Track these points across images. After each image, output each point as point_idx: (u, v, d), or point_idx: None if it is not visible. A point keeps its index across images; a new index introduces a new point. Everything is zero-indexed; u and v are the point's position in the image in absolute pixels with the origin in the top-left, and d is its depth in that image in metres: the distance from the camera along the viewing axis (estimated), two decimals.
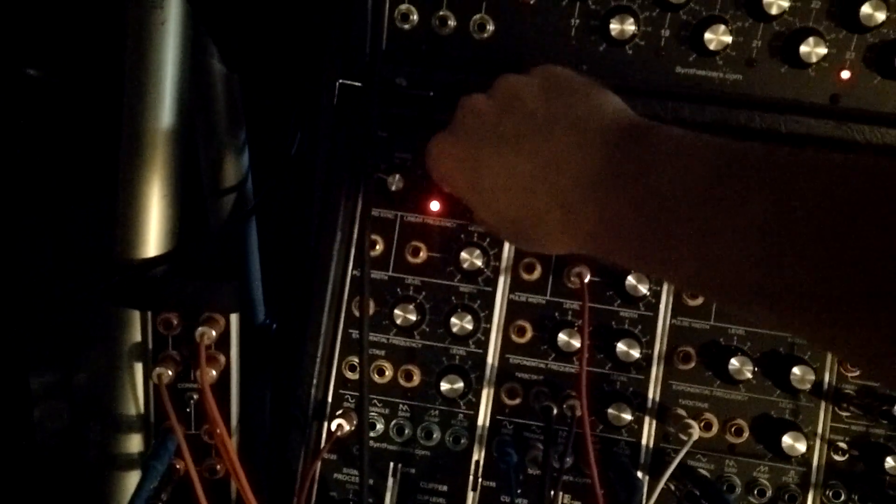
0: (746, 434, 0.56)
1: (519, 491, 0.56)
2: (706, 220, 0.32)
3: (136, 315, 0.56)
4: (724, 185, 0.32)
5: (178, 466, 0.54)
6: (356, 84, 0.57)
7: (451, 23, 0.55)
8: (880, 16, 0.51)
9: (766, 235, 0.29)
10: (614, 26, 0.54)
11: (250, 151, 0.71)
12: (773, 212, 0.29)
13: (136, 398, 0.57)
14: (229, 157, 0.69)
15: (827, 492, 0.56)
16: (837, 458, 0.56)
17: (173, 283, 0.56)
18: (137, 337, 0.56)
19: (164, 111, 0.57)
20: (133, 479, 0.58)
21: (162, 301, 0.55)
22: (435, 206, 0.57)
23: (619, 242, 0.37)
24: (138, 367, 0.57)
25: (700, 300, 0.57)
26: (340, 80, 0.58)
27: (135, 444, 0.58)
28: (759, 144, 0.32)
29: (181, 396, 0.56)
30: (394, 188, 0.58)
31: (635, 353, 0.56)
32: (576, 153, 0.38)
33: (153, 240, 0.57)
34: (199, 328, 0.53)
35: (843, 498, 0.56)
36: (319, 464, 0.57)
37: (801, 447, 0.54)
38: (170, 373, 0.53)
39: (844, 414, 0.56)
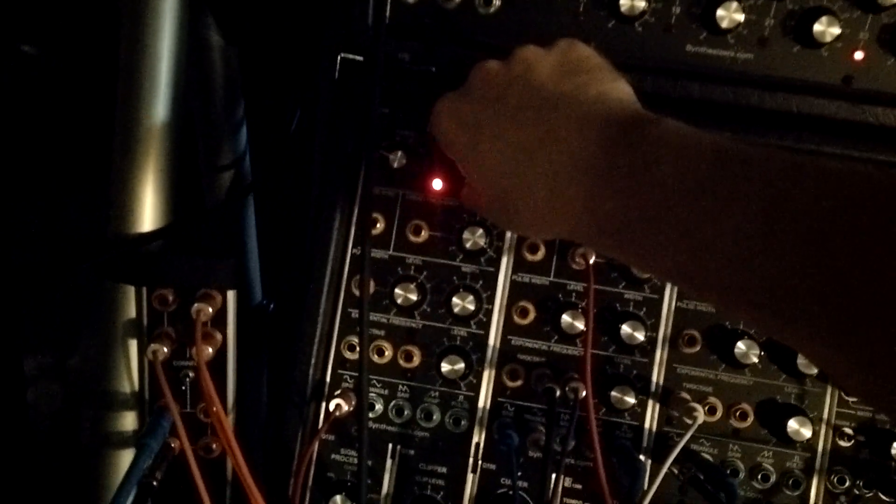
0: (751, 419, 0.55)
1: (519, 474, 0.56)
2: (696, 217, 0.32)
3: (131, 291, 0.55)
4: (716, 185, 0.32)
5: (172, 445, 0.53)
6: (358, 58, 0.56)
7: None
8: None
9: (753, 237, 0.29)
10: (624, 2, 0.52)
11: (248, 126, 0.70)
12: (762, 215, 0.29)
13: (130, 376, 0.56)
14: (227, 133, 0.68)
15: (832, 477, 0.55)
16: (843, 443, 0.55)
17: (169, 258, 0.55)
18: (132, 313, 0.55)
19: (161, 84, 0.56)
20: (127, 457, 0.57)
21: (157, 277, 0.54)
22: (437, 184, 0.56)
23: (602, 229, 0.37)
24: (133, 344, 0.56)
25: None
26: (342, 55, 0.56)
27: (129, 422, 0.57)
28: (758, 148, 0.32)
29: (176, 374, 0.55)
30: (395, 165, 0.57)
31: (640, 336, 0.55)
32: (574, 134, 0.38)
33: (148, 215, 0.55)
34: (196, 304, 0.52)
35: (847, 484, 0.55)
36: (317, 444, 0.57)
37: (807, 432, 0.54)
38: (165, 350, 0.52)
39: (850, 399, 0.55)
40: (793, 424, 0.54)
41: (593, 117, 0.38)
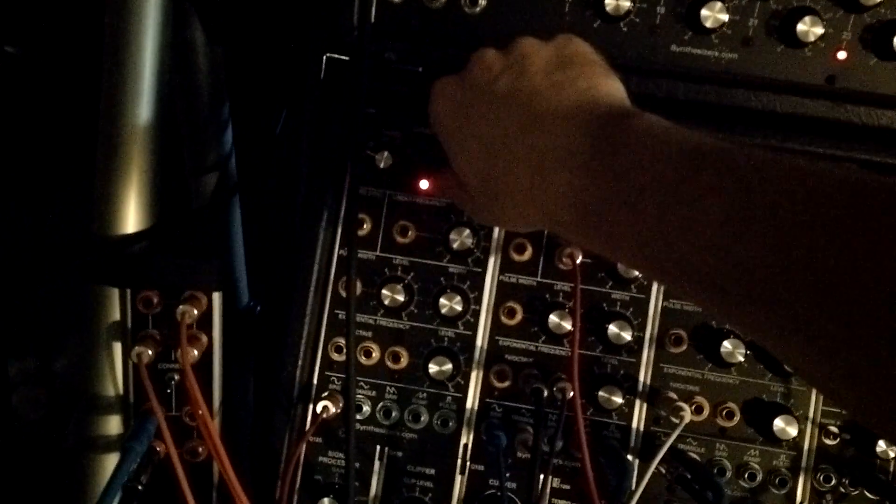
0: (738, 417, 0.55)
1: (508, 474, 0.56)
2: (671, 207, 0.33)
3: (115, 293, 0.54)
4: (692, 177, 0.32)
5: (158, 449, 0.53)
6: (344, 58, 0.56)
7: None
8: None
9: (724, 228, 0.30)
10: (609, 2, 0.53)
11: (234, 127, 0.70)
12: (734, 207, 0.30)
13: (114, 379, 0.55)
14: (212, 133, 0.67)
15: (818, 475, 0.56)
16: (828, 441, 0.56)
17: (154, 260, 0.54)
18: (116, 315, 0.54)
19: (145, 85, 0.55)
20: (112, 460, 0.56)
21: (142, 279, 0.54)
22: (424, 184, 0.56)
23: (582, 218, 0.38)
24: (117, 347, 0.55)
25: None
26: (327, 54, 0.56)
27: (114, 425, 0.57)
28: (734, 143, 0.33)
29: (161, 377, 0.55)
30: (382, 166, 0.56)
31: (626, 336, 0.55)
32: (559, 123, 0.39)
33: (132, 216, 0.55)
34: (181, 307, 0.52)
35: (833, 482, 0.55)
36: (304, 447, 0.56)
37: (793, 431, 0.54)
38: (150, 352, 0.52)
39: None
40: (779, 423, 0.54)
41: (579, 108, 0.39)
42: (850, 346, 0.26)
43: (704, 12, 0.52)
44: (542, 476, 0.53)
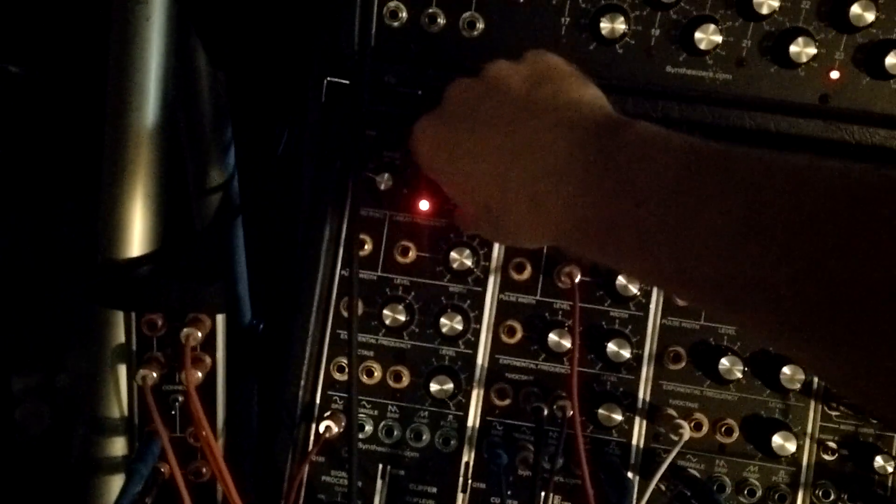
0: (736, 434, 0.56)
1: (509, 492, 0.56)
2: (672, 216, 0.32)
3: (120, 316, 0.55)
4: (693, 183, 0.32)
5: (162, 470, 0.53)
6: (344, 82, 0.57)
7: (441, 20, 0.55)
8: (869, 16, 0.51)
9: (728, 235, 0.30)
10: (605, 25, 0.53)
11: (237, 150, 0.70)
12: (737, 213, 0.30)
13: (119, 400, 0.56)
14: (215, 156, 0.68)
15: (816, 491, 0.56)
16: (827, 457, 0.56)
17: (158, 283, 0.55)
18: (121, 338, 0.55)
19: (149, 109, 0.56)
20: (117, 482, 0.57)
21: (146, 301, 0.54)
22: (424, 205, 0.57)
23: (584, 233, 0.38)
24: (122, 369, 0.56)
25: None
26: (328, 78, 0.57)
27: (119, 447, 0.57)
28: (733, 146, 0.33)
29: (166, 399, 0.55)
30: (382, 187, 0.57)
31: (626, 354, 0.55)
32: (549, 141, 0.39)
33: (137, 239, 0.56)
34: (185, 329, 0.52)
35: (832, 497, 0.56)
36: (307, 466, 0.57)
37: (791, 447, 0.54)
38: (154, 374, 0.52)
39: (834, 413, 0.56)
40: (777, 439, 0.54)
41: (567, 124, 0.39)
42: (858, 345, 0.26)
43: (698, 34, 0.53)
44: (543, 494, 0.54)
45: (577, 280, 0.55)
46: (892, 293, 0.25)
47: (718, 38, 0.53)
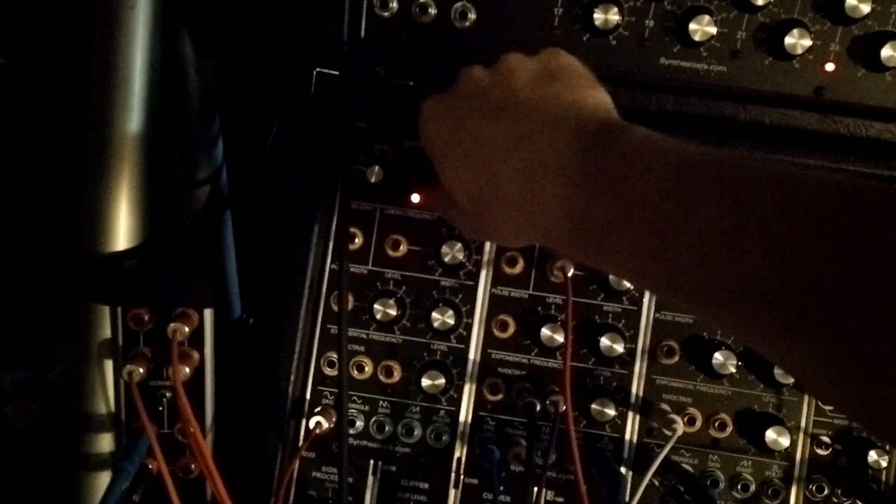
0: (730, 429, 0.56)
1: (501, 488, 0.56)
2: (662, 220, 0.33)
3: (106, 311, 0.54)
4: (684, 188, 0.32)
5: (150, 466, 0.53)
6: (334, 73, 0.56)
7: (432, 11, 0.54)
8: (865, 7, 0.51)
9: (716, 240, 0.30)
10: (598, 16, 0.53)
11: (225, 141, 0.69)
12: (725, 219, 0.30)
13: (106, 396, 0.55)
14: (203, 148, 0.67)
15: (810, 486, 0.56)
16: (820, 452, 0.56)
17: (144, 277, 0.54)
18: (107, 333, 0.54)
19: (134, 99, 0.55)
20: (104, 479, 0.56)
21: (132, 296, 0.53)
22: (415, 198, 0.56)
23: (574, 232, 0.38)
24: (108, 365, 0.55)
25: None
26: (318, 69, 0.56)
27: (105, 443, 0.56)
28: (726, 153, 0.33)
29: (153, 394, 0.54)
30: (373, 180, 0.56)
31: (619, 348, 0.55)
32: (548, 137, 0.39)
33: (123, 232, 0.55)
34: (172, 324, 0.52)
35: (826, 492, 0.56)
36: (298, 462, 0.56)
37: (785, 441, 0.54)
38: (141, 370, 0.52)
39: (827, 408, 0.56)
40: (771, 434, 0.54)
41: (567, 122, 0.39)
42: (850, 352, 0.26)
43: (693, 26, 0.52)
44: (535, 489, 0.53)
45: (569, 274, 0.55)
46: (880, 296, 0.25)
47: (713, 30, 0.52)
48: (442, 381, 0.55)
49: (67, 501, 0.58)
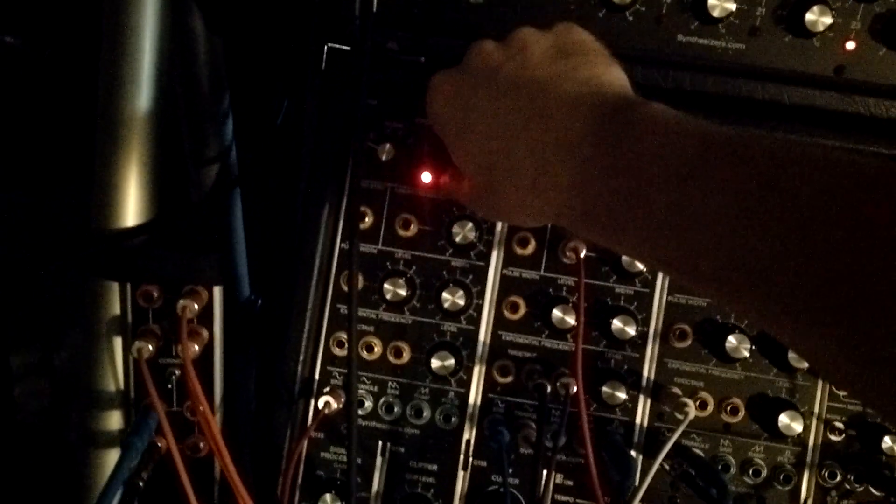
0: (742, 413, 0.55)
1: (511, 470, 0.55)
2: (680, 200, 0.32)
3: (115, 287, 0.54)
4: (705, 168, 0.32)
5: (159, 444, 0.52)
6: (345, 48, 0.55)
7: None
8: None
9: (736, 222, 0.30)
10: None
11: (234, 118, 0.69)
12: (746, 200, 0.29)
13: (115, 374, 0.55)
14: (212, 125, 0.66)
15: (822, 472, 0.55)
16: (834, 437, 0.55)
17: (154, 254, 0.54)
18: (116, 310, 0.54)
19: (144, 75, 0.54)
20: (113, 457, 0.56)
21: (142, 273, 0.53)
22: (426, 177, 0.55)
23: (588, 211, 0.37)
24: (117, 342, 0.55)
25: None
26: (329, 45, 0.55)
27: (115, 420, 0.56)
28: (746, 132, 0.32)
29: (162, 372, 0.54)
30: (384, 158, 0.56)
31: (631, 331, 0.54)
32: (562, 114, 0.38)
33: (132, 209, 0.54)
34: (181, 301, 0.51)
35: (838, 478, 0.55)
36: (306, 442, 0.56)
37: (798, 427, 0.53)
38: (150, 347, 0.52)
39: (841, 393, 0.55)
40: (784, 419, 0.53)
41: (582, 98, 0.38)
42: (874, 337, 0.25)
43: (711, 1, 0.51)
44: (545, 472, 0.53)
45: (582, 255, 0.54)
46: None
47: (732, 6, 0.51)
48: (451, 362, 0.55)
49: (77, 481, 0.58)
